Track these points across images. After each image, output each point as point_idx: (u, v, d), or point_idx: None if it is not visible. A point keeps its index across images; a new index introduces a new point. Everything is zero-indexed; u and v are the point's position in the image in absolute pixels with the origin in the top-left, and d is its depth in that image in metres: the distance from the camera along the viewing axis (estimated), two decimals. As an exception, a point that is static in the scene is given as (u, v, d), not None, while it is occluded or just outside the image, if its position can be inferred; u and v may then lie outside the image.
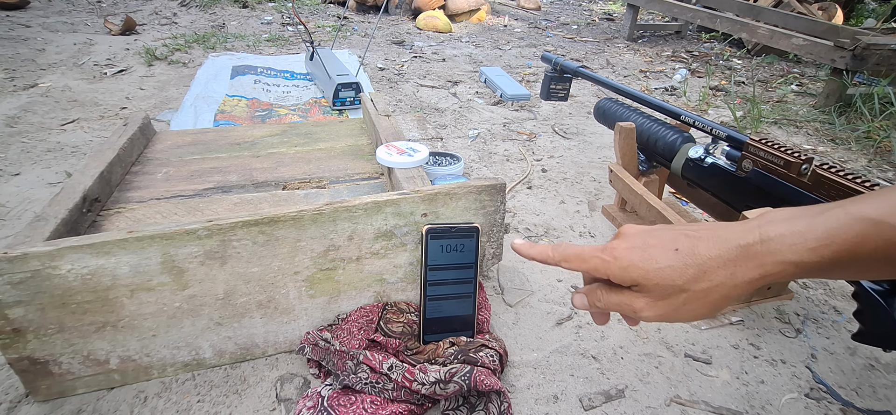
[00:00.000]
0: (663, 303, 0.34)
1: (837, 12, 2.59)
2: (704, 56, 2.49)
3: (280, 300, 0.60)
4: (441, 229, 0.61)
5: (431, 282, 0.62)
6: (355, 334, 0.61)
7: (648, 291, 0.34)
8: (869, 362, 0.68)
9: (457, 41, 2.55)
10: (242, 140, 0.95)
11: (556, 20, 3.34)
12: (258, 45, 2.19)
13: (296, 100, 1.56)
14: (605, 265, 0.35)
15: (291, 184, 0.81)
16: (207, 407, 0.57)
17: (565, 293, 0.78)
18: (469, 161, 1.22)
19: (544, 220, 0.99)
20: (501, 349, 0.61)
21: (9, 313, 0.49)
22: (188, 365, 0.60)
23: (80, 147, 1.19)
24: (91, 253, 0.50)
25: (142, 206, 0.73)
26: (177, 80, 1.69)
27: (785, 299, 0.78)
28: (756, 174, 0.68)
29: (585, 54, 2.42)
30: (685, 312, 0.34)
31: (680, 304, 0.34)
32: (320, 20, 2.83)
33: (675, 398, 0.61)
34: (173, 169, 0.84)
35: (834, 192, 0.60)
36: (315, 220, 0.57)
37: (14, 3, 2.47)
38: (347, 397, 0.55)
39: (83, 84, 1.60)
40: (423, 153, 0.76)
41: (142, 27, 2.39)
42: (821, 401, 0.62)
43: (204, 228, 0.52)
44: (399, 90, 1.74)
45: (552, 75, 1.06)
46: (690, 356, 0.67)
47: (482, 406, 0.55)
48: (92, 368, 0.56)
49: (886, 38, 1.62)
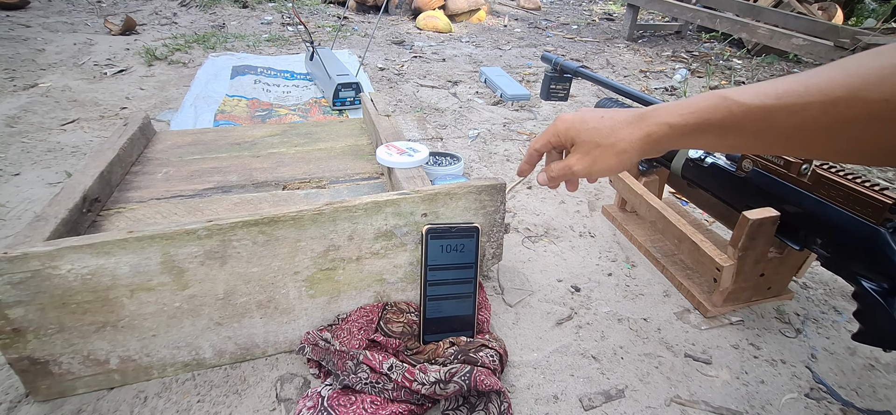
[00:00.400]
0: (588, 157, 0.46)
1: (837, 12, 2.59)
2: (704, 56, 2.49)
3: (280, 300, 0.60)
4: (441, 229, 0.61)
5: (431, 282, 0.62)
6: (355, 334, 0.61)
7: (578, 148, 0.47)
8: (869, 362, 0.68)
9: (457, 41, 2.55)
10: (242, 140, 0.95)
11: (556, 20, 3.34)
12: (258, 45, 2.19)
13: (296, 100, 1.56)
14: (554, 129, 0.49)
15: (291, 184, 0.81)
16: (207, 407, 0.57)
17: (565, 293, 0.78)
18: (469, 161, 1.22)
19: (544, 220, 0.99)
20: (501, 349, 0.61)
21: (9, 313, 0.49)
22: (188, 365, 0.60)
23: (80, 147, 1.19)
24: (91, 253, 0.50)
25: (142, 206, 0.73)
26: (177, 80, 1.69)
27: (785, 299, 0.78)
28: (756, 174, 0.68)
29: (585, 54, 2.42)
30: (601, 162, 0.46)
31: (598, 155, 0.46)
32: (320, 20, 2.83)
33: (675, 398, 0.61)
34: (173, 169, 0.84)
35: (834, 192, 0.59)
36: (315, 220, 0.57)
37: (14, 3, 2.47)
38: (347, 397, 0.55)
39: (83, 84, 1.60)
40: (423, 153, 0.76)
41: (142, 27, 2.39)
42: (821, 401, 0.62)
43: (204, 228, 0.52)
44: (399, 90, 1.74)
45: (552, 75, 1.05)
46: (690, 356, 0.67)
47: (482, 406, 0.55)
48: (92, 368, 0.56)
49: (886, 39, 1.61)
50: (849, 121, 0.31)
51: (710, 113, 0.38)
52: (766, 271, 0.72)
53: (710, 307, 0.74)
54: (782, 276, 0.75)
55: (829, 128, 0.33)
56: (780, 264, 0.72)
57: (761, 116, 0.36)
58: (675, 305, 0.77)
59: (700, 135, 0.40)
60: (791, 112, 0.34)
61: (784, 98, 0.34)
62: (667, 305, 0.77)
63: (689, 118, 0.40)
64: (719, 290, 0.71)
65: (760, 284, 0.74)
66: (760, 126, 0.36)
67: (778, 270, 0.73)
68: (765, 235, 0.66)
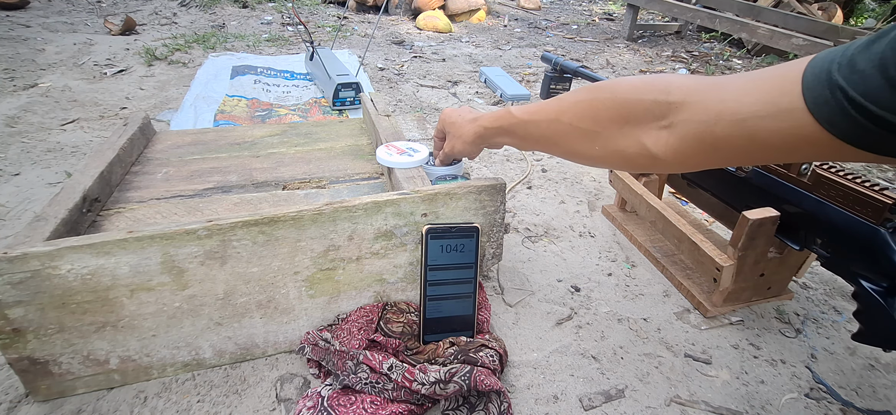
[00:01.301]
0: (450, 143, 0.70)
1: (837, 12, 2.59)
2: (704, 56, 2.49)
3: (280, 300, 0.60)
4: (441, 229, 0.61)
5: (431, 282, 0.62)
6: (355, 334, 0.61)
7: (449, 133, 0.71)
8: (869, 362, 0.68)
9: (457, 41, 2.55)
10: (242, 140, 0.95)
11: (556, 20, 3.34)
12: (258, 45, 2.19)
13: (296, 100, 1.56)
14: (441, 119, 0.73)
15: (291, 184, 0.81)
16: (207, 407, 0.57)
17: (565, 293, 0.78)
18: (469, 161, 1.22)
19: (544, 220, 0.99)
20: (501, 349, 0.61)
21: (9, 313, 0.49)
22: (188, 365, 0.60)
23: (80, 147, 1.19)
24: (91, 253, 0.50)
25: (142, 206, 0.73)
26: (177, 80, 1.69)
27: (785, 299, 0.78)
28: (756, 174, 0.68)
29: (585, 54, 2.42)
30: (457, 146, 0.69)
31: (455, 142, 0.69)
32: (320, 20, 2.83)
33: (675, 398, 0.61)
34: (173, 169, 0.84)
35: (833, 191, 0.60)
36: (315, 220, 0.57)
37: (14, 3, 2.47)
38: (347, 397, 0.55)
39: (83, 84, 1.60)
40: (423, 153, 0.76)
41: (142, 27, 2.39)
42: (821, 401, 0.62)
43: (204, 228, 0.52)
44: (399, 90, 1.74)
45: (552, 75, 1.06)
46: (690, 356, 0.67)
47: (482, 406, 0.55)
48: (92, 368, 0.56)
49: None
50: (561, 133, 0.50)
51: (501, 121, 0.59)
52: (765, 271, 0.72)
53: (710, 307, 0.74)
54: (782, 276, 0.75)
55: (552, 136, 0.52)
56: (780, 264, 0.72)
57: (522, 126, 0.56)
58: (675, 305, 0.77)
59: (499, 135, 0.61)
60: (534, 124, 0.54)
61: (533, 115, 0.54)
62: (667, 305, 0.77)
63: (491, 123, 0.61)
64: (719, 290, 0.71)
65: (760, 284, 0.74)
66: (523, 131, 0.56)
67: (778, 270, 0.73)
68: (765, 235, 0.66)
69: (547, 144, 0.53)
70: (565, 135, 0.49)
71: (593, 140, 0.47)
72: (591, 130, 0.46)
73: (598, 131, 0.46)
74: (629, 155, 0.44)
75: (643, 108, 0.42)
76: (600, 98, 0.46)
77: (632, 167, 0.46)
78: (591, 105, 0.46)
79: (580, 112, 0.47)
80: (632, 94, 0.43)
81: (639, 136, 0.42)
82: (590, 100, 0.47)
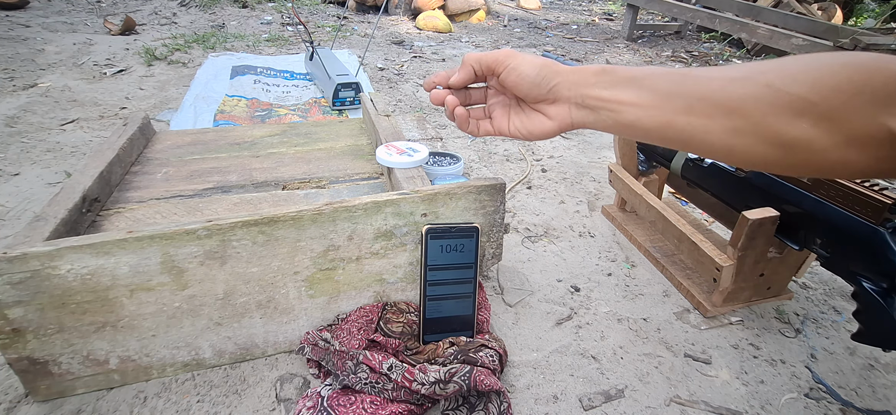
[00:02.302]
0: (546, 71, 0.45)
1: (837, 12, 2.60)
2: (704, 56, 2.49)
3: (280, 300, 0.60)
4: (441, 229, 0.61)
5: (431, 282, 0.62)
6: (355, 334, 0.61)
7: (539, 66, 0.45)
8: (869, 362, 0.69)
9: (456, 41, 2.55)
10: (242, 140, 0.95)
11: (556, 20, 3.34)
12: (258, 45, 2.19)
13: (295, 100, 1.56)
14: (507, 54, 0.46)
15: (291, 184, 0.81)
16: (207, 407, 0.57)
17: (565, 293, 0.78)
18: (469, 161, 1.22)
19: (544, 220, 0.99)
20: (501, 349, 0.61)
21: (9, 313, 0.49)
22: (188, 365, 0.60)
23: (80, 147, 1.19)
24: (91, 253, 0.50)
25: (141, 206, 0.73)
26: (176, 80, 1.69)
27: (784, 299, 0.78)
28: (755, 174, 0.68)
29: (585, 54, 2.42)
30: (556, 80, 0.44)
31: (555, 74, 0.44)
32: (320, 20, 2.83)
33: (675, 398, 0.61)
34: (173, 169, 0.84)
35: (833, 191, 0.60)
36: (315, 220, 0.57)
37: (14, 3, 2.47)
38: (347, 397, 0.55)
39: (83, 84, 1.60)
40: (422, 153, 0.76)
41: (141, 27, 2.39)
42: (820, 401, 0.62)
43: (204, 228, 0.52)
44: (399, 90, 1.74)
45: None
46: (690, 356, 0.67)
47: (482, 406, 0.55)
48: (91, 368, 0.56)
49: (886, 38, 1.62)
50: (754, 97, 0.35)
51: (635, 71, 0.43)
52: (765, 271, 0.72)
53: (710, 307, 0.74)
54: (782, 276, 0.75)
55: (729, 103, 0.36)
56: (780, 264, 0.72)
57: (681, 78, 0.40)
58: (675, 305, 0.77)
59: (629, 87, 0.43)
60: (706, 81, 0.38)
61: (690, 72, 0.39)
62: (666, 305, 0.77)
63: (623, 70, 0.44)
64: (719, 290, 0.71)
65: (760, 284, 0.74)
66: (679, 87, 0.40)
67: (777, 270, 0.73)
68: (764, 235, 0.66)
69: (711, 116, 0.36)
70: (756, 105, 0.34)
71: (806, 116, 0.32)
72: (810, 101, 0.32)
73: (818, 104, 0.32)
74: (865, 142, 0.31)
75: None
76: (828, 62, 0.32)
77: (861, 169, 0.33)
78: (818, 66, 0.33)
79: (793, 74, 0.33)
80: (884, 62, 0.31)
81: (886, 120, 0.30)
82: (807, 60, 0.33)
